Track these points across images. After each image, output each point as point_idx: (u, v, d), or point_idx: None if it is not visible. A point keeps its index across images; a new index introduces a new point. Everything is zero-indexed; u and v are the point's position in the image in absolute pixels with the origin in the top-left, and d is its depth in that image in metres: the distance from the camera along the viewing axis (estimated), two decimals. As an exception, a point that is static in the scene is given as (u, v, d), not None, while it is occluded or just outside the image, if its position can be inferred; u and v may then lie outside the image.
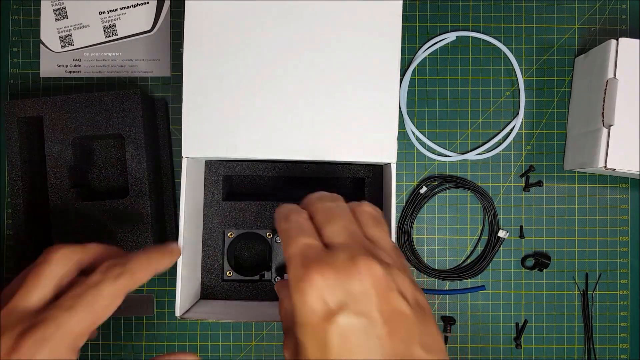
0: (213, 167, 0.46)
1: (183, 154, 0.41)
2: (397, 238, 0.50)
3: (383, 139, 0.41)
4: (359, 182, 0.48)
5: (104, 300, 0.29)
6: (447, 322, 0.50)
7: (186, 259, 0.41)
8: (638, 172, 0.44)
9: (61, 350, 0.28)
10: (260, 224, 0.46)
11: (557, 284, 0.50)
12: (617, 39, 0.44)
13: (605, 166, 0.43)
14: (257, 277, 0.46)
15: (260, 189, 0.49)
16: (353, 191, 0.49)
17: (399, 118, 0.50)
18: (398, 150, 0.50)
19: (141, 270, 0.32)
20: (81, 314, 0.28)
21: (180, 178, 0.50)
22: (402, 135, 0.51)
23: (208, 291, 0.46)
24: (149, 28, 0.51)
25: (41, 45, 0.51)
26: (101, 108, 0.45)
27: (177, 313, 0.40)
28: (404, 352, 0.26)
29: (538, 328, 0.50)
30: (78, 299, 0.29)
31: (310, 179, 0.47)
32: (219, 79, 0.41)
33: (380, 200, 0.46)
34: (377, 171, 0.46)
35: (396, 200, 0.51)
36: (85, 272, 0.32)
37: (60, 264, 0.31)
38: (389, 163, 0.42)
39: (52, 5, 0.51)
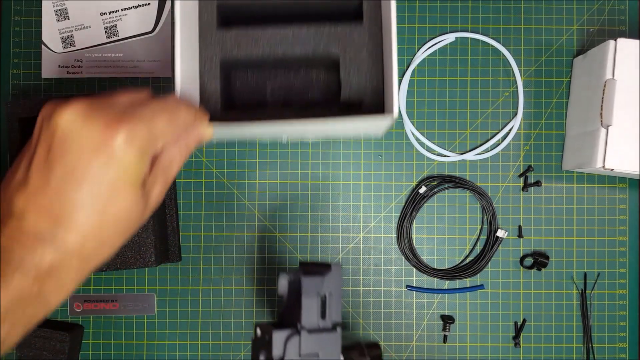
0: None
1: None
2: (397, 238, 0.51)
3: None
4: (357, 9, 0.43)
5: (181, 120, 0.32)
6: (446, 321, 0.50)
7: (184, 91, 0.38)
8: (636, 172, 0.44)
9: (145, 147, 0.29)
10: (259, 51, 0.42)
11: (556, 284, 0.51)
12: (615, 40, 0.44)
13: (603, 166, 0.43)
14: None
15: (257, 15, 0.44)
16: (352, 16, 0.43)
17: (398, 119, 0.51)
18: (397, 150, 0.51)
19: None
20: (162, 122, 0.30)
21: (180, 178, 0.50)
22: (402, 135, 0.51)
23: None
24: (150, 29, 0.51)
25: (42, 46, 0.51)
26: (102, 108, 0.45)
27: None
28: None
29: (537, 327, 0.50)
30: (160, 111, 0.31)
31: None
32: None
33: (379, 35, 0.41)
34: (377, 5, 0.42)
35: (395, 197, 0.51)
36: None
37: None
38: None
39: (54, 6, 0.51)
